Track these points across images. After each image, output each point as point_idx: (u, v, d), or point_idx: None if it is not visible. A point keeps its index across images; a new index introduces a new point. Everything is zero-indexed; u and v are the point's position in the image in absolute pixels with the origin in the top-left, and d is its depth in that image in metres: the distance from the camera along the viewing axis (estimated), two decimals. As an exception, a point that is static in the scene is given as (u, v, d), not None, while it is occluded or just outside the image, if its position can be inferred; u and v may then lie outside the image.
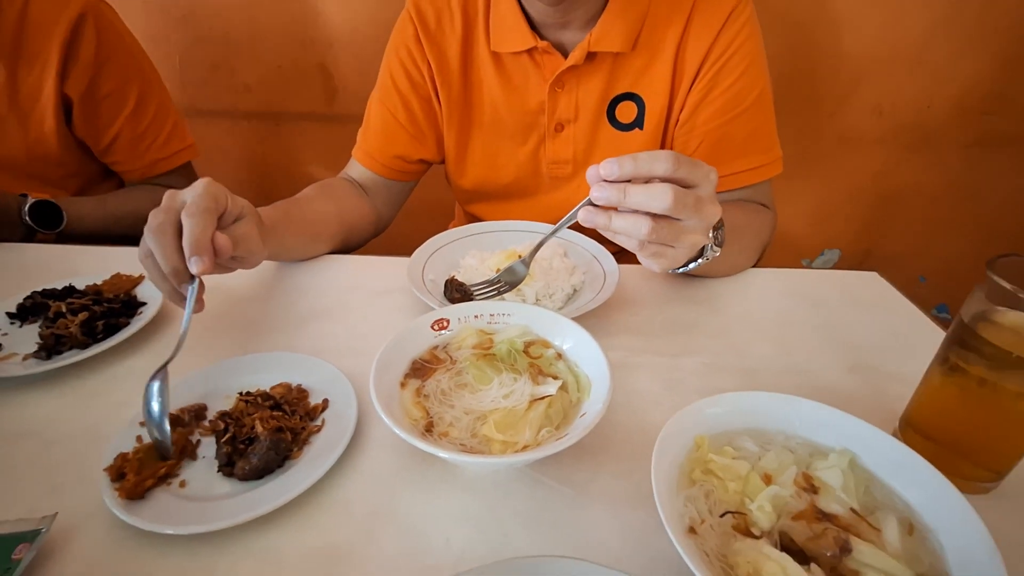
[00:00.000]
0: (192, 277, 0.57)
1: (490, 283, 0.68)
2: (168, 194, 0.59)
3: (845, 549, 0.37)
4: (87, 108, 1.03)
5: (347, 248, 0.94)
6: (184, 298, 0.58)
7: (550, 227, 0.83)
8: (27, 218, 0.94)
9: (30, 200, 0.94)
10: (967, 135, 1.49)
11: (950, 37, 1.37)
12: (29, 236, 0.95)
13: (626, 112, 0.88)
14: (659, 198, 0.50)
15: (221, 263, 0.60)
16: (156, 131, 1.10)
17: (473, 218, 1.07)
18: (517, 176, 0.96)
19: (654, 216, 0.52)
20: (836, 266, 1.73)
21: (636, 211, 0.52)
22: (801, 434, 0.47)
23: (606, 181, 0.52)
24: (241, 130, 1.57)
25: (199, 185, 0.59)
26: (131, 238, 1.03)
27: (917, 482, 0.42)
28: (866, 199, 1.60)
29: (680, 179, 0.52)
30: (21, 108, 1.00)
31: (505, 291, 0.68)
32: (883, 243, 1.69)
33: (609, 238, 0.56)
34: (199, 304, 0.59)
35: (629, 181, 0.52)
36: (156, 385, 0.51)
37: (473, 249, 0.79)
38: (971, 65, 1.40)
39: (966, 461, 0.50)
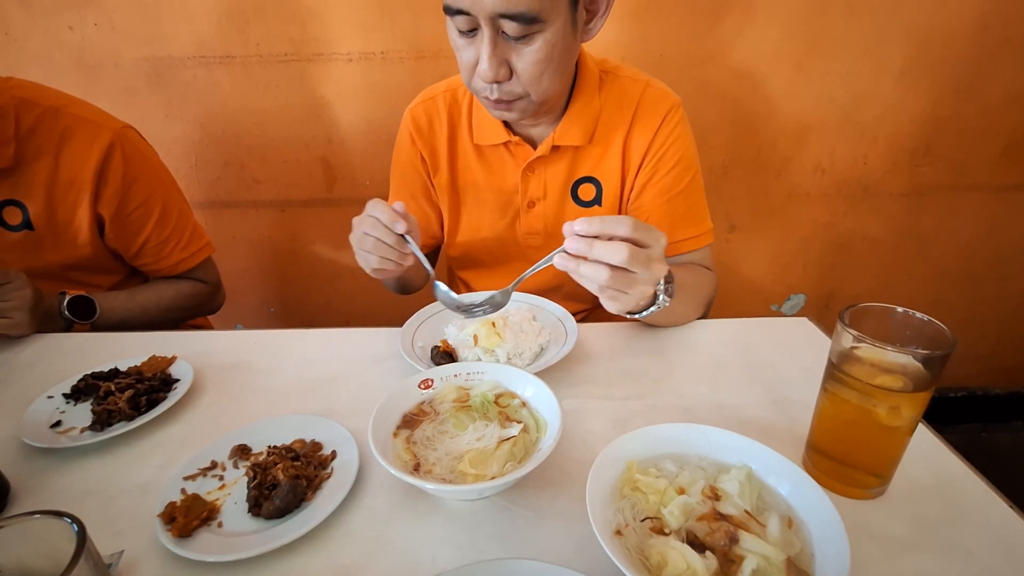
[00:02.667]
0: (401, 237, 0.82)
1: (482, 303, 0.81)
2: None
3: (733, 539, 0.49)
4: (117, 223, 1.13)
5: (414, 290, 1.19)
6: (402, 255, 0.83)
7: (523, 295, 0.97)
8: (66, 312, 1.05)
9: (68, 296, 1.06)
10: (903, 185, 1.66)
11: (872, 103, 1.55)
12: (68, 328, 1.06)
13: (587, 192, 1.05)
14: (617, 253, 0.63)
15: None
16: (179, 236, 1.21)
17: (462, 283, 1.23)
18: (498, 245, 1.11)
19: (613, 267, 0.64)
20: (803, 309, 1.86)
21: (599, 261, 0.65)
22: (711, 455, 0.59)
23: (578, 235, 0.65)
24: (250, 218, 1.72)
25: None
26: (158, 325, 1.16)
27: (796, 487, 0.54)
28: (819, 247, 1.75)
29: (636, 240, 0.64)
30: (57, 228, 1.10)
31: (492, 311, 0.81)
32: (844, 285, 1.83)
33: (577, 281, 0.68)
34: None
35: (597, 237, 0.64)
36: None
37: (456, 318, 0.92)
38: (895, 125, 1.58)
39: (856, 471, 0.61)
